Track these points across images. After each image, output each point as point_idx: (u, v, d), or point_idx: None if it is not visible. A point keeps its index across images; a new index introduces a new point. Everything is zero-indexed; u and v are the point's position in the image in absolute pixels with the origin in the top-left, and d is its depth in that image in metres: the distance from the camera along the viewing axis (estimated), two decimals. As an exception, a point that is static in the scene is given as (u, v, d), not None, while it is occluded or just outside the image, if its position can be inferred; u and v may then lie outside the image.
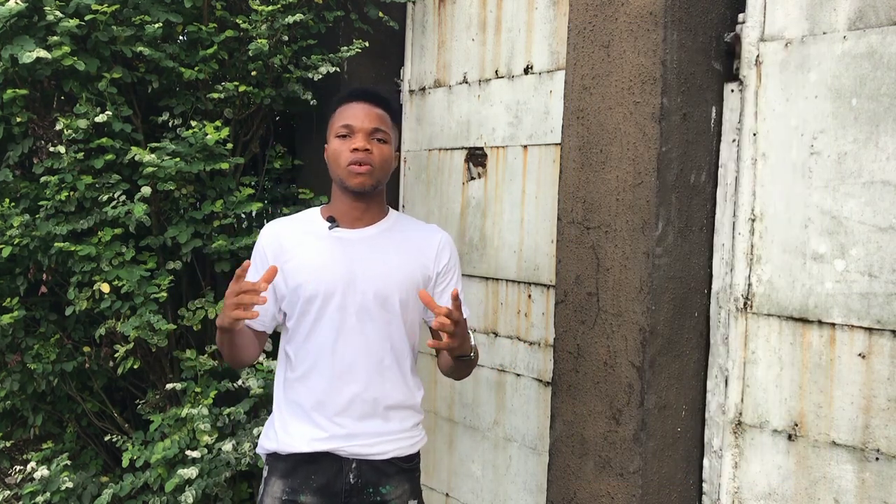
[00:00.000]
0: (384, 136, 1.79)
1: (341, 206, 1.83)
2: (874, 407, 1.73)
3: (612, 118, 1.95)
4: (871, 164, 1.72)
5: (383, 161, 1.78)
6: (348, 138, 1.76)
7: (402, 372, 1.83)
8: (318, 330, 1.77)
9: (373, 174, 1.76)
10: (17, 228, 2.55)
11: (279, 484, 1.79)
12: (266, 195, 3.20)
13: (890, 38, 1.70)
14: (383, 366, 1.79)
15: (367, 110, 1.78)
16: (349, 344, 1.76)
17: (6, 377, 2.91)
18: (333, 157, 1.79)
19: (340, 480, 1.76)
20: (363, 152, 1.74)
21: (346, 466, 1.77)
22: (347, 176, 1.76)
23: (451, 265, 1.88)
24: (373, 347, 1.78)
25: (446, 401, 2.90)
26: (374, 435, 1.78)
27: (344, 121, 1.77)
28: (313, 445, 1.76)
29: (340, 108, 1.81)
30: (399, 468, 1.83)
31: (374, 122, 1.77)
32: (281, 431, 1.80)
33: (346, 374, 1.76)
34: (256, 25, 2.69)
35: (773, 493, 1.91)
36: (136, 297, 2.56)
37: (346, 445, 1.76)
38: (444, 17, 2.94)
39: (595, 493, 2.00)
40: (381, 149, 1.78)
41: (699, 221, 1.99)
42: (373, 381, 1.77)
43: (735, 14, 1.98)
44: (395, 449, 1.81)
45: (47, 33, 2.51)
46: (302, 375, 1.79)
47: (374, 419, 1.78)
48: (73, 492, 2.80)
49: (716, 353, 2.02)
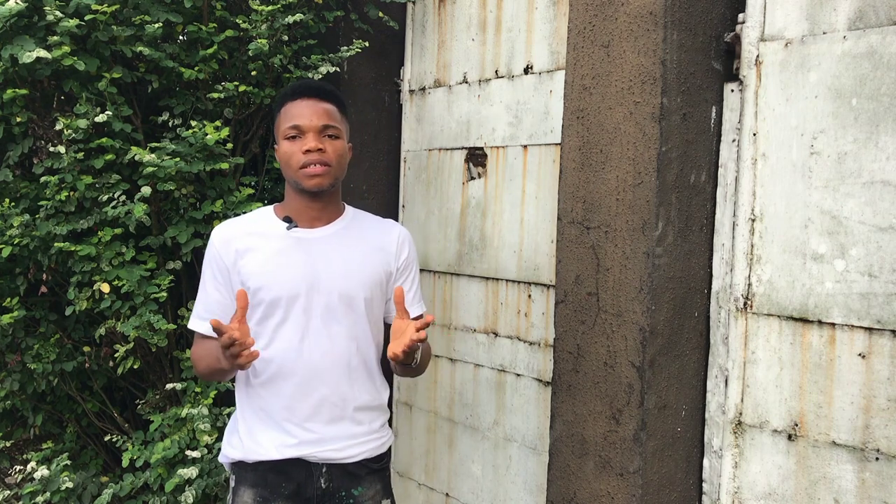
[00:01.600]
0: (335, 131, 1.73)
1: (297, 205, 1.77)
2: (874, 407, 1.73)
3: (612, 118, 1.95)
4: (871, 164, 1.72)
5: (338, 157, 1.73)
6: (298, 139, 1.71)
7: (369, 372, 1.80)
8: (282, 333, 1.72)
9: (329, 174, 1.72)
10: (17, 228, 2.55)
11: (249, 493, 1.75)
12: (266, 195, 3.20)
13: (890, 38, 1.70)
14: (350, 367, 1.76)
15: (314, 106, 1.72)
16: (315, 346, 1.72)
17: (6, 377, 2.91)
18: (285, 158, 1.73)
19: (311, 486, 1.74)
20: (316, 153, 1.69)
21: (315, 471, 1.74)
22: (302, 178, 1.71)
23: (409, 259, 1.86)
24: (339, 349, 1.74)
25: (446, 401, 2.90)
26: (344, 438, 1.75)
27: (291, 121, 1.71)
28: (283, 452, 1.72)
29: (285, 107, 1.75)
30: (370, 469, 1.80)
31: (322, 119, 1.71)
32: (247, 439, 1.76)
33: (314, 377, 1.72)
34: (256, 25, 2.69)
35: (773, 493, 1.91)
36: (136, 297, 2.56)
37: (315, 451, 1.73)
38: (444, 17, 2.94)
39: (595, 493, 2.00)
40: (335, 145, 1.73)
41: (699, 221, 1.99)
42: (340, 383, 1.74)
43: (735, 14, 1.98)
44: (365, 451, 1.78)
45: (47, 33, 2.51)
46: (267, 380, 1.74)
47: (344, 422, 1.75)
48: (73, 492, 2.80)
49: (716, 353, 2.02)
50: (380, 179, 3.12)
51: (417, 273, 1.89)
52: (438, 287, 2.94)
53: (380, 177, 3.12)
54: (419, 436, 3.03)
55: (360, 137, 3.02)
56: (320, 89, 1.77)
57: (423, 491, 3.02)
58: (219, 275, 1.77)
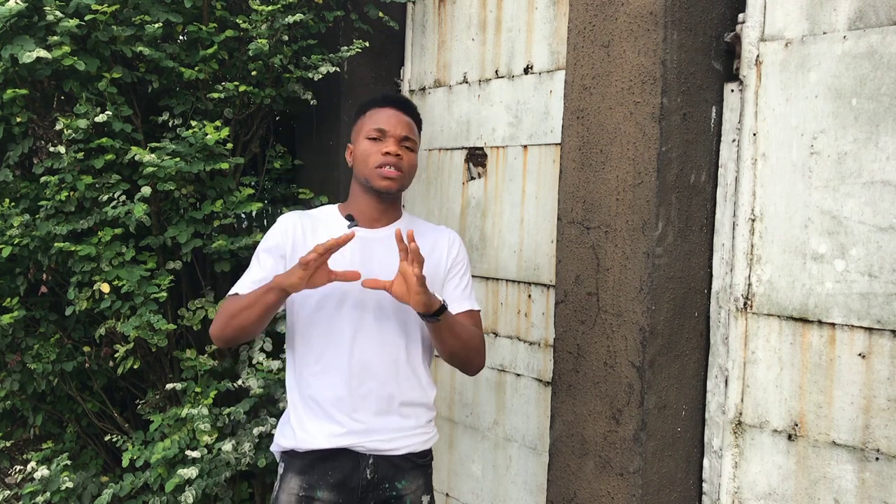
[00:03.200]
0: (412, 144, 1.85)
1: (360, 205, 1.86)
2: (874, 407, 1.73)
3: (612, 118, 1.95)
4: (871, 164, 1.72)
5: (411, 168, 1.85)
6: (380, 141, 1.81)
7: (416, 370, 1.85)
8: (335, 326, 1.80)
9: (401, 179, 1.82)
10: (17, 228, 2.55)
11: (296, 480, 1.80)
12: (266, 195, 3.20)
13: (890, 38, 1.70)
14: (399, 363, 1.81)
15: (399, 117, 1.84)
16: (366, 342, 1.79)
17: (6, 377, 2.91)
18: (362, 157, 1.82)
19: (357, 476, 1.79)
20: (395, 157, 1.79)
21: (362, 462, 1.79)
22: (376, 178, 1.80)
23: (458, 259, 1.91)
24: (389, 345, 1.80)
25: (446, 401, 2.90)
26: (391, 431, 1.80)
27: (377, 124, 1.82)
28: (331, 441, 1.78)
29: (372, 111, 1.86)
30: (414, 464, 1.85)
31: (405, 130, 1.83)
32: (298, 429, 1.82)
33: (363, 371, 1.78)
34: (256, 25, 2.69)
35: (773, 493, 1.91)
36: (136, 297, 2.56)
37: (363, 441, 1.78)
38: (444, 17, 2.94)
39: (595, 493, 2.00)
40: (409, 156, 1.84)
41: (699, 221, 1.98)
42: (388, 379, 1.80)
43: (735, 14, 1.98)
44: (410, 444, 1.83)
45: (47, 33, 2.51)
46: (319, 371, 1.81)
47: (391, 415, 1.81)
48: (73, 492, 2.80)
49: (716, 353, 2.02)
50: (380, 179, 3.12)
51: (467, 273, 1.93)
52: (438, 287, 2.94)
53: (380, 177, 3.12)
54: (419, 436, 3.03)
55: (360, 137, 3.01)
56: (407, 104, 1.90)
57: (423, 491, 3.02)
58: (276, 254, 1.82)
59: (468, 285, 1.92)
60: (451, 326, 1.76)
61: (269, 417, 2.69)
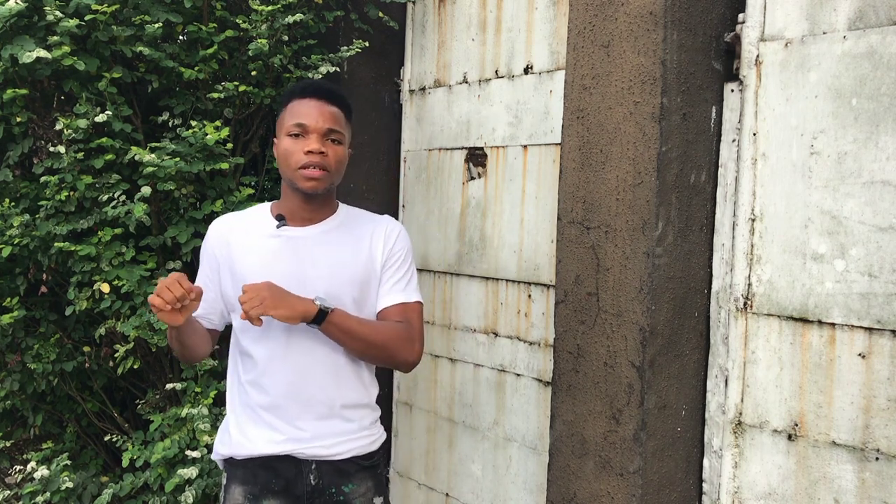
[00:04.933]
0: (339, 136, 1.73)
1: (290, 204, 1.78)
2: (874, 407, 1.73)
3: (612, 118, 1.95)
4: (871, 164, 1.72)
5: (338, 163, 1.74)
6: (301, 138, 1.70)
7: (357, 371, 1.79)
8: (269, 332, 1.72)
9: (326, 179, 1.72)
10: (17, 228, 2.55)
11: (240, 490, 1.75)
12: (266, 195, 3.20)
13: (890, 38, 1.70)
14: (338, 366, 1.75)
15: (322, 108, 1.71)
16: (302, 345, 1.72)
17: (6, 377, 2.91)
18: (284, 156, 1.72)
19: (301, 482, 1.74)
20: (318, 155, 1.69)
21: (305, 468, 1.74)
22: (299, 179, 1.70)
23: (395, 250, 1.81)
24: (325, 348, 1.73)
25: (446, 401, 2.90)
26: (333, 435, 1.75)
27: (297, 118, 1.70)
28: (271, 448, 1.73)
29: (293, 103, 1.74)
30: (360, 466, 1.80)
31: (328, 122, 1.71)
32: (237, 434, 1.76)
33: (301, 376, 1.72)
34: (256, 25, 2.69)
35: (773, 492, 1.91)
36: (136, 297, 2.56)
37: (304, 448, 1.73)
38: (444, 17, 2.94)
39: (595, 493, 2.00)
40: (336, 150, 1.73)
41: (699, 221, 1.98)
42: (328, 383, 1.74)
43: (735, 14, 1.98)
44: (353, 448, 1.78)
45: (47, 33, 2.51)
46: (256, 378, 1.75)
47: (332, 419, 1.75)
48: (73, 492, 2.80)
49: (716, 353, 2.02)
50: (380, 179, 3.12)
51: (405, 264, 1.82)
52: (438, 287, 2.94)
53: (380, 177, 3.12)
54: (419, 436, 3.03)
55: (359, 137, 3.01)
56: (330, 92, 1.76)
57: (423, 491, 3.02)
58: (207, 268, 1.83)
59: (404, 277, 1.81)
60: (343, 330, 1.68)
61: (269, 417, 2.69)
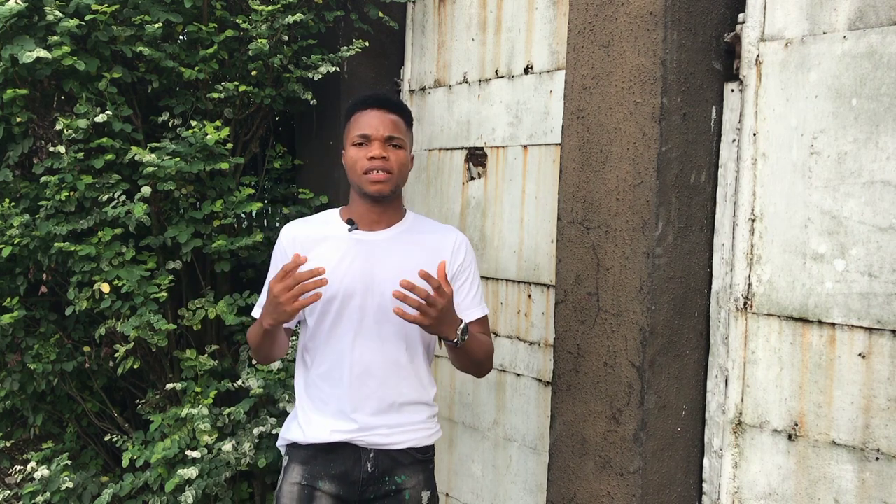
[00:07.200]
0: (399, 142, 1.84)
1: (360, 208, 1.88)
2: (874, 407, 1.73)
3: (612, 118, 1.95)
4: (871, 164, 1.72)
5: (400, 166, 1.84)
6: (364, 146, 1.81)
7: (417, 371, 1.88)
8: (337, 330, 1.83)
9: (390, 181, 1.82)
10: (17, 228, 2.55)
11: (298, 470, 1.85)
12: (266, 195, 3.20)
13: (890, 38, 1.70)
14: (399, 365, 1.84)
15: (382, 117, 1.83)
16: (367, 344, 1.82)
17: (6, 377, 2.91)
18: (351, 164, 1.84)
19: (358, 469, 1.82)
20: (380, 160, 1.79)
21: (363, 456, 1.83)
22: (365, 183, 1.81)
23: (465, 265, 1.91)
24: (389, 348, 1.83)
25: (446, 401, 2.90)
26: (391, 426, 1.84)
27: (360, 129, 1.82)
28: (333, 436, 1.82)
29: (356, 115, 1.86)
30: (414, 458, 1.88)
31: (389, 130, 1.82)
32: (304, 423, 1.87)
33: (364, 373, 1.82)
34: (256, 25, 2.69)
35: (773, 493, 1.91)
36: (136, 297, 2.56)
37: (364, 436, 1.82)
38: (444, 17, 2.94)
39: (595, 493, 2.00)
40: (398, 154, 1.83)
41: (699, 221, 1.98)
42: (389, 380, 1.83)
43: (735, 14, 1.98)
44: (410, 439, 1.86)
45: (47, 33, 2.51)
46: (323, 374, 1.85)
47: (391, 413, 1.84)
48: (73, 492, 2.80)
49: (716, 353, 2.02)
50: (380, 179, 3.12)
51: (476, 277, 1.94)
52: (438, 287, 2.94)
53: (380, 177, 3.12)
54: (419, 436, 3.03)
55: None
56: (389, 101, 1.87)
57: (423, 491, 3.02)
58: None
59: (478, 290, 1.93)
60: (470, 347, 1.80)
61: (269, 417, 2.69)
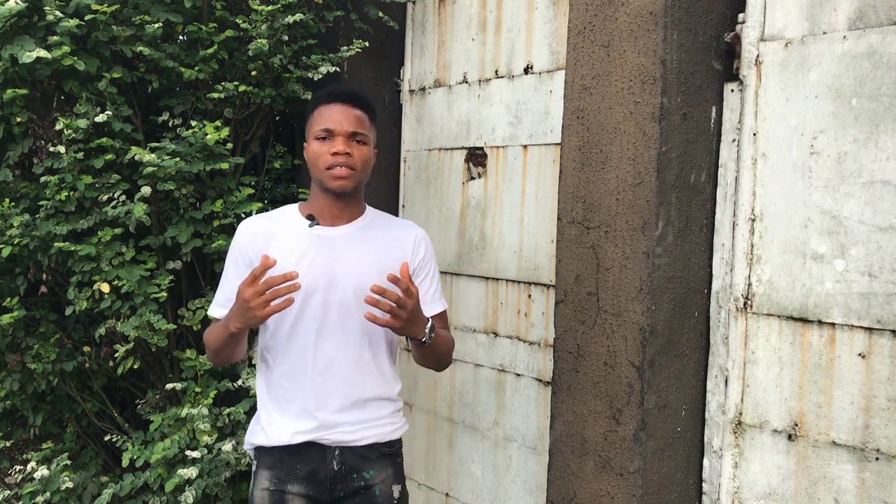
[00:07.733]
0: (363, 137, 1.83)
1: (321, 203, 1.86)
2: (874, 407, 1.73)
3: (612, 118, 1.95)
4: (871, 164, 1.72)
5: (363, 162, 1.83)
6: (328, 141, 1.80)
7: (380, 366, 1.88)
8: (299, 327, 1.81)
9: (353, 177, 1.81)
10: (17, 228, 2.55)
11: (266, 474, 1.84)
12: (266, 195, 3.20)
13: (890, 38, 1.70)
14: (362, 361, 1.84)
15: (346, 112, 1.81)
16: (330, 340, 1.81)
17: (6, 377, 2.91)
18: (313, 158, 1.82)
19: (325, 468, 1.82)
20: (344, 156, 1.78)
21: (329, 454, 1.82)
22: (328, 179, 1.80)
23: (426, 260, 1.92)
24: (352, 343, 1.82)
25: (446, 401, 2.90)
26: (354, 423, 1.83)
27: (323, 124, 1.81)
28: (296, 438, 1.81)
29: (319, 109, 1.84)
30: (381, 453, 1.88)
31: (352, 125, 1.81)
32: (266, 426, 1.85)
33: (327, 370, 1.81)
34: (256, 25, 2.69)
35: (773, 493, 1.91)
36: (136, 297, 2.56)
37: (327, 434, 1.81)
38: (444, 17, 2.94)
39: (595, 493, 2.00)
40: (361, 150, 1.82)
41: (699, 221, 1.98)
42: (352, 376, 1.83)
43: (735, 14, 1.98)
44: (374, 435, 1.86)
45: (47, 33, 2.51)
46: (286, 372, 1.84)
47: (354, 410, 1.84)
48: (73, 492, 2.80)
49: (716, 352, 2.02)
50: (380, 179, 3.12)
51: (436, 272, 1.95)
52: (438, 287, 2.94)
53: (380, 177, 3.12)
54: (419, 436, 3.03)
55: (360, 137, 3.02)
56: (354, 96, 1.86)
57: (423, 491, 3.02)
58: (242, 266, 1.85)
59: (437, 285, 1.94)
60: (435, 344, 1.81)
61: (269, 417, 2.69)
